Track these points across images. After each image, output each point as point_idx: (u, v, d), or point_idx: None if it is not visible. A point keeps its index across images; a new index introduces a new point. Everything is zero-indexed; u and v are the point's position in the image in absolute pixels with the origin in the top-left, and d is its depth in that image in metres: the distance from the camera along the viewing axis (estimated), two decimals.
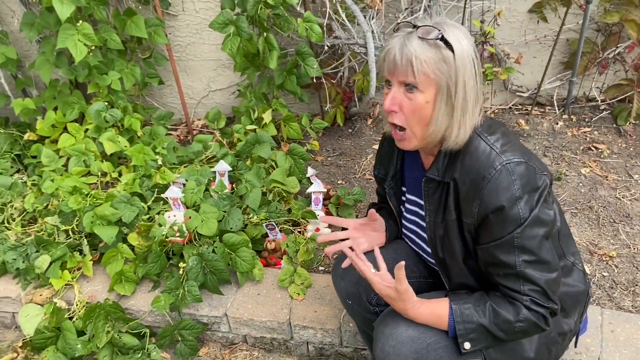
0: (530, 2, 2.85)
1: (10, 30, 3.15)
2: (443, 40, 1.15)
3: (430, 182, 1.30)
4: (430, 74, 1.16)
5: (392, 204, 1.52)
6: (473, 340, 1.26)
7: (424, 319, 1.30)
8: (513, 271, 1.21)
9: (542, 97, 3.12)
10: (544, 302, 1.22)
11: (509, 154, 1.19)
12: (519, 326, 1.23)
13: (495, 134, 1.23)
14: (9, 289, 2.17)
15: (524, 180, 1.17)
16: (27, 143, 2.98)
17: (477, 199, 1.19)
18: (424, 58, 1.14)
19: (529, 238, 1.19)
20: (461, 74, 1.17)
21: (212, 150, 2.70)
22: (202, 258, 1.96)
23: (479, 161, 1.20)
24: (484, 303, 1.26)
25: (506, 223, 1.18)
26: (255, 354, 2.02)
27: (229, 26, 2.58)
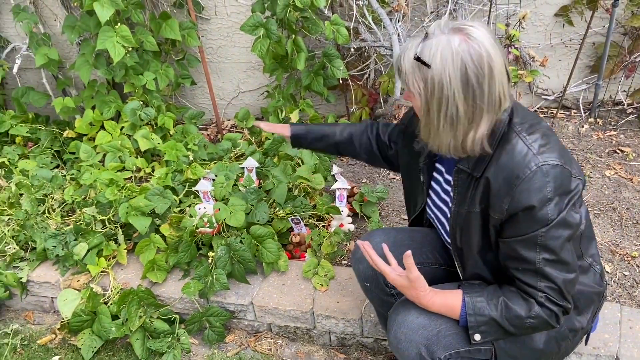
0: (556, 6, 2.87)
1: (52, 32, 3.32)
2: (419, 60, 1.17)
3: (461, 173, 1.33)
4: (411, 87, 1.22)
5: (424, 178, 1.53)
6: (483, 332, 1.30)
7: (436, 308, 1.34)
8: (532, 267, 1.24)
9: (567, 100, 3.13)
10: (558, 300, 1.25)
11: (546, 155, 1.20)
12: (529, 322, 1.26)
13: (534, 134, 1.24)
14: (49, 274, 2.29)
15: (558, 182, 1.19)
16: (66, 140, 3.14)
17: (509, 197, 1.21)
18: (408, 71, 1.21)
19: (552, 238, 1.21)
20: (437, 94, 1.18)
21: (241, 148, 2.80)
22: (230, 248, 2.05)
23: (514, 160, 1.21)
24: (497, 297, 1.29)
25: (533, 222, 1.20)
26: (279, 342, 2.10)
27: (259, 28, 2.68)
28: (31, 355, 2.13)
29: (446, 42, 1.15)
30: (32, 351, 2.15)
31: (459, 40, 1.15)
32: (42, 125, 3.18)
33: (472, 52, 1.14)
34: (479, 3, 2.90)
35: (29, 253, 2.37)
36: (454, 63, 1.15)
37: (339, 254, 2.24)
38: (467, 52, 1.14)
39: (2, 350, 2.15)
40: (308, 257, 2.16)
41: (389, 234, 1.64)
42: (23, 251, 2.37)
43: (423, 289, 1.34)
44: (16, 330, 2.25)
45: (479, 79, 1.16)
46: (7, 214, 2.48)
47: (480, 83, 1.16)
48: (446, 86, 1.16)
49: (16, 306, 2.39)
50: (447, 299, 1.34)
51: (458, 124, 1.21)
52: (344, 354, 2.03)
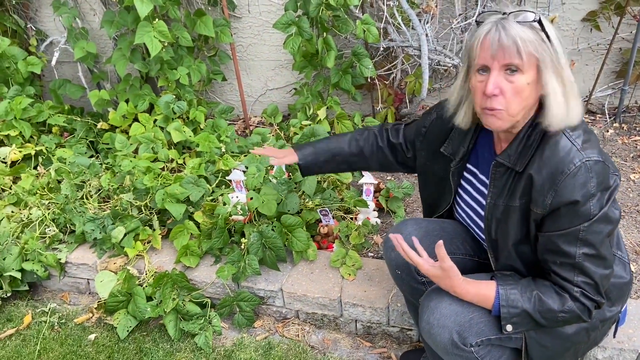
0: (584, 11, 2.91)
1: (90, 27, 3.44)
2: (540, 23, 1.22)
3: (500, 167, 1.37)
4: (535, 53, 1.20)
5: (453, 181, 1.57)
6: (516, 324, 1.34)
7: (470, 297, 1.38)
8: (571, 261, 1.27)
9: (593, 104, 3.16)
10: (593, 295, 1.28)
11: (589, 152, 1.23)
12: (562, 316, 1.30)
13: (577, 130, 1.27)
14: (87, 257, 2.39)
15: (600, 178, 1.22)
16: (100, 131, 3.24)
17: (552, 191, 1.24)
18: (528, 39, 1.20)
19: (593, 233, 1.24)
20: (560, 52, 1.23)
21: (270, 142, 2.87)
22: (262, 235, 2.12)
23: (559, 155, 1.24)
24: (531, 290, 1.33)
25: (576, 217, 1.24)
26: (307, 328, 2.16)
27: (292, 26, 2.76)
28: (68, 333, 2.22)
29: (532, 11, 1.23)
30: (68, 329, 2.24)
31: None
32: (77, 117, 3.29)
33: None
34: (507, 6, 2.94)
35: (67, 236, 2.47)
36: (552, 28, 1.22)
37: (366, 246, 2.30)
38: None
39: (40, 328, 2.25)
40: (336, 248, 2.23)
41: (420, 224, 1.68)
42: (62, 234, 2.47)
43: (457, 278, 1.37)
44: (53, 309, 2.34)
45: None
46: (48, 198, 2.59)
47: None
48: (561, 45, 1.22)
49: (53, 287, 2.49)
50: (480, 289, 1.37)
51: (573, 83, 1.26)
52: (370, 342, 2.08)
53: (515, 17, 1.22)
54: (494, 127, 1.31)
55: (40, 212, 2.48)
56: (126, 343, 2.14)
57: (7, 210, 2.55)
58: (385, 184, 2.57)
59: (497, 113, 1.27)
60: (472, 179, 1.55)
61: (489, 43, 1.22)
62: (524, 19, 1.21)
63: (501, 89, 1.24)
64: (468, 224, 1.62)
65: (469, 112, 1.43)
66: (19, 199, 2.59)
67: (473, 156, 1.54)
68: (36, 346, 2.16)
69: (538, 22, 1.22)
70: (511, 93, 1.24)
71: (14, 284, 2.35)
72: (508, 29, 1.20)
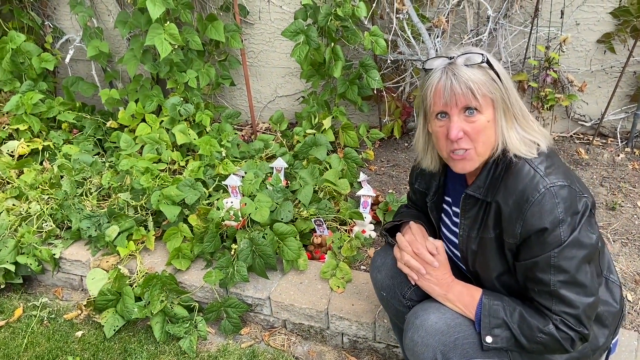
0: (599, 32, 2.85)
1: (105, 27, 3.49)
2: (488, 63, 1.24)
3: (469, 198, 1.36)
4: (488, 94, 1.24)
5: (433, 217, 1.57)
6: (496, 336, 1.30)
7: (456, 293, 1.38)
8: (547, 289, 1.24)
9: (604, 127, 3.09)
10: (574, 325, 1.24)
11: (553, 177, 1.22)
12: (540, 337, 1.26)
13: (539, 157, 1.27)
14: (80, 253, 2.40)
15: (567, 203, 1.20)
16: (109, 130, 3.28)
17: (520, 220, 1.23)
18: (479, 81, 1.23)
19: (566, 259, 1.22)
20: (509, 88, 1.26)
21: (272, 149, 2.87)
22: (252, 242, 2.11)
23: (522, 183, 1.23)
24: (514, 307, 1.31)
25: (546, 244, 1.22)
26: (293, 339, 2.14)
27: (300, 35, 2.76)
28: (56, 328, 2.23)
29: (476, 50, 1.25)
30: (57, 325, 2.25)
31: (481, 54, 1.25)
32: (87, 114, 3.33)
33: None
34: (520, 24, 2.91)
35: (64, 232, 2.49)
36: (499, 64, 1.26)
37: (359, 259, 2.27)
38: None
39: (29, 322, 2.26)
40: (328, 259, 2.20)
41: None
42: (59, 229, 2.49)
43: (448, 271, 1.41)
44: (44, 303, 2.36)
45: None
46: (48, 194, 2.62)
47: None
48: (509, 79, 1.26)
49: (47, 281, 2.51)
50: (467, 288, 1.38)
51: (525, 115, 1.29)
52: (355, 357, 2.05)
53: (464, 61, 1.24)
54: (465, 170, 1.32)
55: (39, 206, 2.50)
56: (112, 342, 2.14)
57: (9, 203, 2.58)
58: (385, 197, 2.54)
59: (465, 155, 1.28)
60: (448, 209, 1.54)
61: (441, 91, 1.24)
62: (472, 61, 1.23)
63: (464, 130, 1.25)
64: (450, 255, 1.59)
65: (435, 155, 1.43)
66: (21, 193, 2.62)
67: (448, 188, 1.54)
68: (24, 339, 2.17)
69: (486, 62, 1.23)
70: (474, 133, 1.26)
71: (8, 277, 2.37)
72: (458, 74, 1.22)
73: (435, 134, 1.31)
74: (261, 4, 3.22)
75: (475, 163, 1.30)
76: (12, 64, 3.14)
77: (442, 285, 1.41)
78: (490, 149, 1.29)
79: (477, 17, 2.96)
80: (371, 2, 2.86)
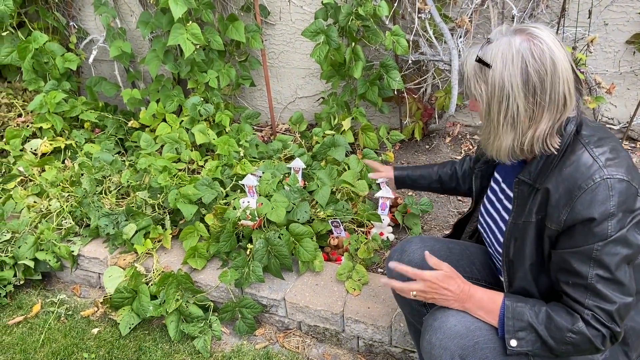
0: (629, 33, 2.77)
1: (128, 28, 3.52)
2: (481, 62, 1.19)
3: (522, 185, 1.31)
4: (473, 91, 1.23)
5: (475, 185, 1.56)
6: (520, 339, 1.24)
7: (477, 300, 1.31)
8: (583, 282, 1.19)
9: (633, 131, 2.99)
10: (607, 321, 1.18)
11: (612, 169, 1.16)
12: (570, 337, 1.20)
13: (602, 147, 1.21)
14: (98, 251, 2.41)
15: (622, 198, 1.15)
16: (130, 129, 3.31)
17: (568, 207, 1.18)
18: (469, 75, 1.22)
19: (609, 254, 1.16)
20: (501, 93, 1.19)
21: (291, 149, 2.85)
22: (268, 242, 2.09)
23: (578, 171, 1.18)
24: (540, 306, 1.25)
25: (591, 235, 1.16)
26: (308, 341, 2.11)
27: (320, 35, 2.74)
28: (73, 325, 2.24)
29: (507, 42, 1.18)
30: (74, 321, 2.26)
31: (520, 40, 1.17)
32: (109, 114, 3.36)
33: (534, 49, 1.16)
34: (546, 25, 2.83)
35: (83, 229, 2.51)
36: (514, 61, 1.17)
37: (376, 261, 2.23)
38: (529, 49, 1.16)
39: (47, 318, 2.28)
40: (344, 261, 2.17)
41: (426, 242, 1.62)
42: (78, 226, 2.51)
43: (462, 279, 1.34)
44: (62, 300, 2.38)
45: (540, 75, 1.16)
46: (68, 191, 2.64)
47: (542, 80, 1.16)
48: (507, 85, 1.18)
49: (66, 278, 2.53)
50: (488, 293, 1.32)
51: (518, 124, 1.21)
52: None
53: (479, 48, 1.22)
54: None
55: (59, 204, 2.52)
56: (127, 340, 2.14)
57: (30, 200, 2.61)
58: (404, 199, 2.50)
59: None
60: (497, 189, 1.49)
61: None
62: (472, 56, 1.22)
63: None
64: (487, 236, 1.54)
65: None
66: (42, 190, 2.65)
67: (501, 165, 1.50)
68: (41, 335, 2.18)
69: (478, 60, 1.20)
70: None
71: (28, 273, 2.40)
72: (468, 58, 1.23)
73: None
74: (282, 4, 3.21)
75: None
76: (36, 63, 3.19)
77: (459, 299, 1.33)
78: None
79: (501, 17, 2.90)
80: (393, 1, 2.83)
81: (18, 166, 2.86)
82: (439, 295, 1.34)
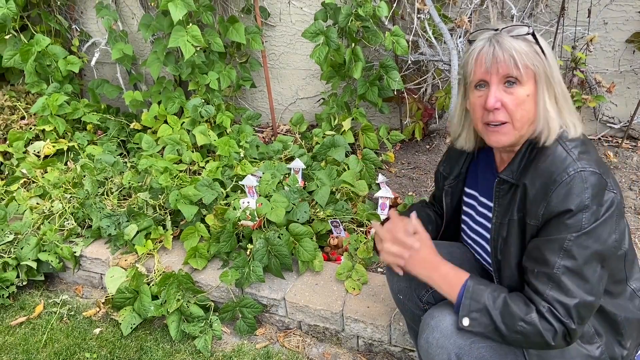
0: (628, 32, 2.76)
1: (130, 30, 3.55)
2: (533, 36, 1.21)
3: (503, 184, 1.32)
4: (531, 66, 1.20)
5: (445, 202, 1.55)
6: (473, 319, 1.25)
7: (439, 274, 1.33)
8: (549, 271, 1.19)
9: (635, 130, 2.98)
10: (562, 316, 1.17)
11: (585, 162, 1.18)
12: (521, 326, 1.19)
13: (574, 141, 1.23)
14: (101, 252, 2.43)
15: (595, 190, 1.16)
16: (132, 131, 3.33)
17: (544, 202, 1.19)
18: (523, 51, 1.19)
19: (580, 246, 1.17)
20: (553, 66, 1.23)
21: (291, 150, 2.86)
22: (268, 242, 2.10)
23: (553, 164, 1.20)
24: (500, 292, 1.25)
25: (565, 226, 1.17)
26: (308, 340, 2.11)
27: (319, 36, 2.75)
28: (75, 325, 2.26)
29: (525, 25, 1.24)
30: (76, 322, 2.28)
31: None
32: (112, 116, 3.39)
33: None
34: (545, 24, 2.84)
35: (85, 230, 2.53)
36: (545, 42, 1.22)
37: (375, 261, 2.24)
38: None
39: (49, 318, 2.30)
40: (344, 261, 2.18)
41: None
42: (80, 227, 2.53)
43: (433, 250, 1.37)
44: (65, 300, 2.40)
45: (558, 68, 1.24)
46: (70, 193, 2.66)
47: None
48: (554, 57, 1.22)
49: (68, 279, 2.55)
50: (455, 270, 1.33)
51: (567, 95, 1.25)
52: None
53: (508, 31, 1.22)
54: (500, 144, 1.28)
55: (62, 205, 2.55)
56: (129, 340, 2.16)
57: (32, 202, 2.64)
58: (403, 199, 2.50)
59: (501, 128, 1.25)
60: (474, 202, 1.50)
61: (484, 58, 1.22)
62: (517, 33, 1.21)
63: (502, 101, 1.23)
64: (476, 250, 1.55)
65: (471, 133, 1.42)
66: (45, 192, 2.67)
67: (472, 179, 1.51)
68: (43, 335, 2.20)
69: (532, 35, 1.21)
70: (513, 105, 1.22)
71: (31, 274, 2.42)
72: (502, 42, 1.20)
73: (473, 105, 1.29)
74: (282, 6, 3.23)
75: (511, 137, 1.26)
76: (38, 66, 3.21)
77: (427, 267, 1.35)
78: (527, 124, 1.25)
79: (501, 17, 2.90)
80: (392, 2, 2.84)
81: (21, 168, 2.88)
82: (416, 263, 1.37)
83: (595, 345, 1.31)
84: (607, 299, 1.31)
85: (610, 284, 1.29)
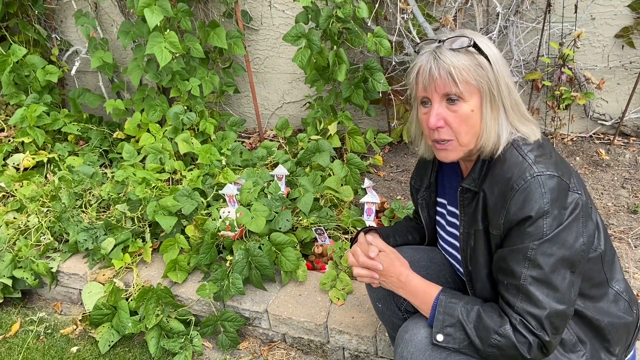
0: (617, 26, 2.71)
1: (110, 38, 3.48)
2: (475, 47, 1.15)
3: (466, 192, 1.27)
4: (472, 81, 1.15)
5: (423, 215, 1.51)
6: (447, 335, 1.21)
7: (411, 288, 1.30)
8: (516, 282, 1.14)
9: (626, 126, 2.92)
10: (535, 328, 1.12)
11: (542, 166, 1.14)
12: (495, 339, 1.15)
13: (530, 145, 1.19)
14: (78, 267, 2.35)
15: (554, 195, 1.12)
16: (115, 141, 3.26)
17: (504, 210, 1.15)
18: (461, 66, 1.14)
19: (544, 254, 1.12)
20: (500, 75, 1.17)
21: (276, 156, 2.79)
22: (248, 253, 2.03)
23: (509, 171, 1.16)
24: (473, 305, 1.21)
25: (527, 234, 1.13)
26: (293, 354, 2.04)
27: (301, 39, 2.68)
28: (52, 343, 2.18)
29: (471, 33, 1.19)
30: (54, 340, 2.20)
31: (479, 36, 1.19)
32: (94, 125, 3.32)
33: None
34: (531, 21, 2.78)
35: (62, 244, 2.45)
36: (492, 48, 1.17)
37: None
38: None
39: (26, 337, 2.22)
40: (328, 270, 2.10)
41: (405, 253, 1.56)
42: (57, 242, 2.45)
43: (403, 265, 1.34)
44: (42, 318, 2.32)
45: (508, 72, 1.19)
46: (47, 206, 2.58)
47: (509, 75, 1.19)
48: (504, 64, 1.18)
49: (47, 295, 2.47)
50: (425, 283, 1.30)
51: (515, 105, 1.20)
52: None
53: (450, 43, 1.16)
54: (448, 159, 1.25)
55: (38, 219, 2.47)
56: (107, 358, 2.08)
57: (9, 217, 2.56)
58: (390, 204, 2.43)
59: (447, 145, 1.22)
60: (444, 211, 1.46)
61: (424, 74, 1.17)
62: (459, 45, 1.15)
63: (445, 119, 1.19)
64: (450, 260, 1.51)
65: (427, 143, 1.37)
66: (22, 206, 2.60)
67: (442, 188, 1.47)
68: (19, 355, 2.12)
69: (473, 45, 1.15)
70: (456, 123, 1.18)
71: (7, 291, 2.34)
72: (441, 58, 1.15)
73: (421, 122, 1.25)
74: (263, 10, 3.17)
75: (459, 153, 1.22)
76: (16, 77, 3.14)
77: (396, 283, 1.33)
78: (475, 138, 1.20)
79: (486, 15, 2.84)
80: (374, 2, 2.77)
81: None
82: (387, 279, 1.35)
83: (579, 353, 1.25)
84: (588, 303, 1.25)
85: (589, 288, 1.24)
